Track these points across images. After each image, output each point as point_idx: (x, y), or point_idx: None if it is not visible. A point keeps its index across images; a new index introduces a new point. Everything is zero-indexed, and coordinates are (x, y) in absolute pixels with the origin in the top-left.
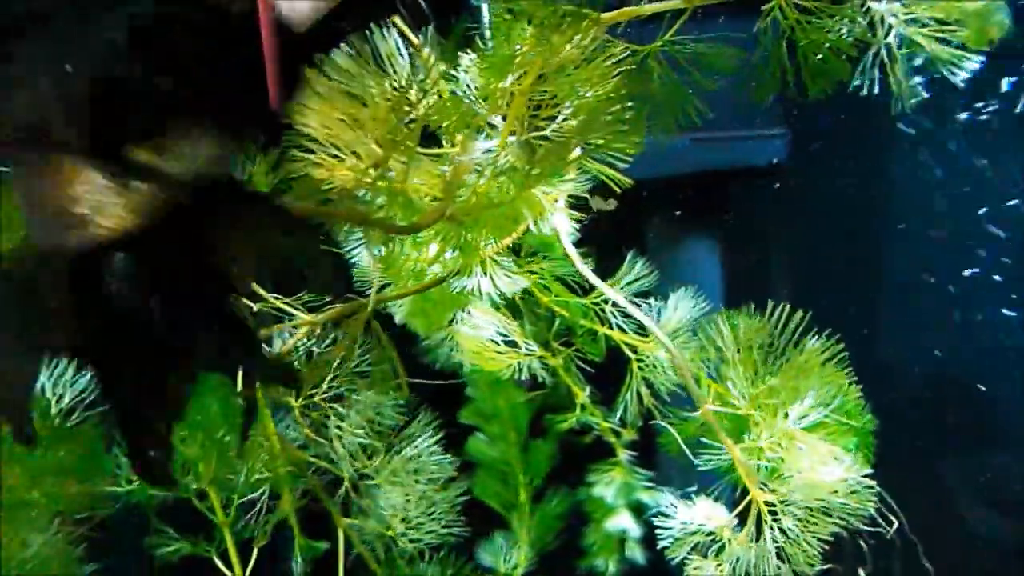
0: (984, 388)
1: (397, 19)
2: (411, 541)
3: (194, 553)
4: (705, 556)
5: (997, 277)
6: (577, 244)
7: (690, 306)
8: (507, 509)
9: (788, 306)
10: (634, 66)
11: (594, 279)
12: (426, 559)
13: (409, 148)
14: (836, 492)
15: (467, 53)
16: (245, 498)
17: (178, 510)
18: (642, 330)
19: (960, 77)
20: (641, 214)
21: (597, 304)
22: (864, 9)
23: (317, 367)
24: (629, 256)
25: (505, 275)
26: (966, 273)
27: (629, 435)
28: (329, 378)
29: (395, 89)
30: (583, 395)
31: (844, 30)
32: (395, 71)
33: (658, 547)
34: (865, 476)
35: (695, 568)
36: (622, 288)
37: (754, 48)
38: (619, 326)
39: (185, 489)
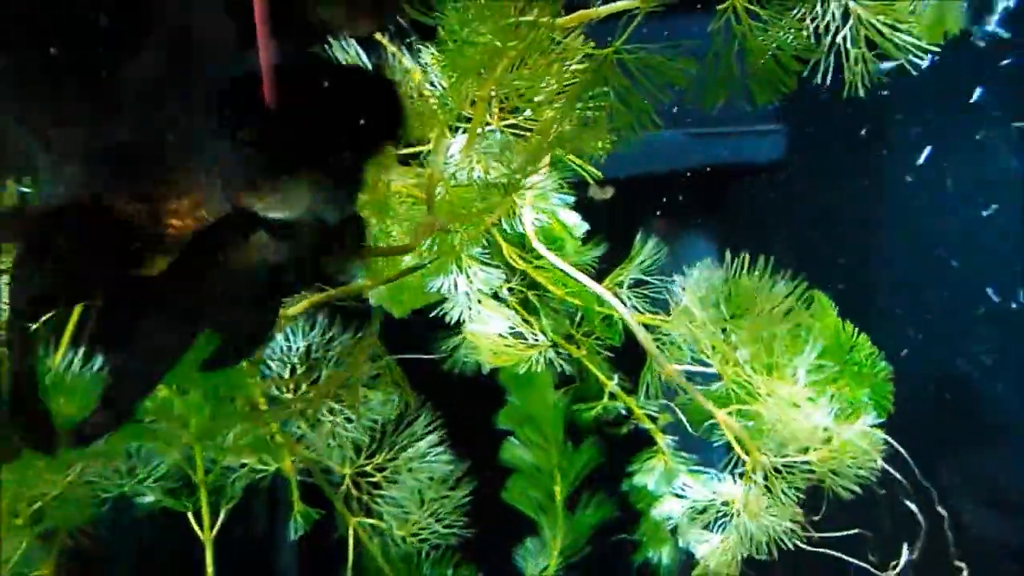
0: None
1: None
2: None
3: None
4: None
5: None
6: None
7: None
8: (540, 513)
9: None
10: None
11: (572, 271)
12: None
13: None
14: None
15: (427, 47)
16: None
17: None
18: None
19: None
20: (636, 210)
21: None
22: (822, 8)
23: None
24: (639, 238)
25: (481, 271)
26: (959, 266)
27: (665, 419)
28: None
29: None
30: (612, 384)
31: (791, 39)
32: None
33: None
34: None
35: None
36: (637, 268)
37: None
38: (634, 307)
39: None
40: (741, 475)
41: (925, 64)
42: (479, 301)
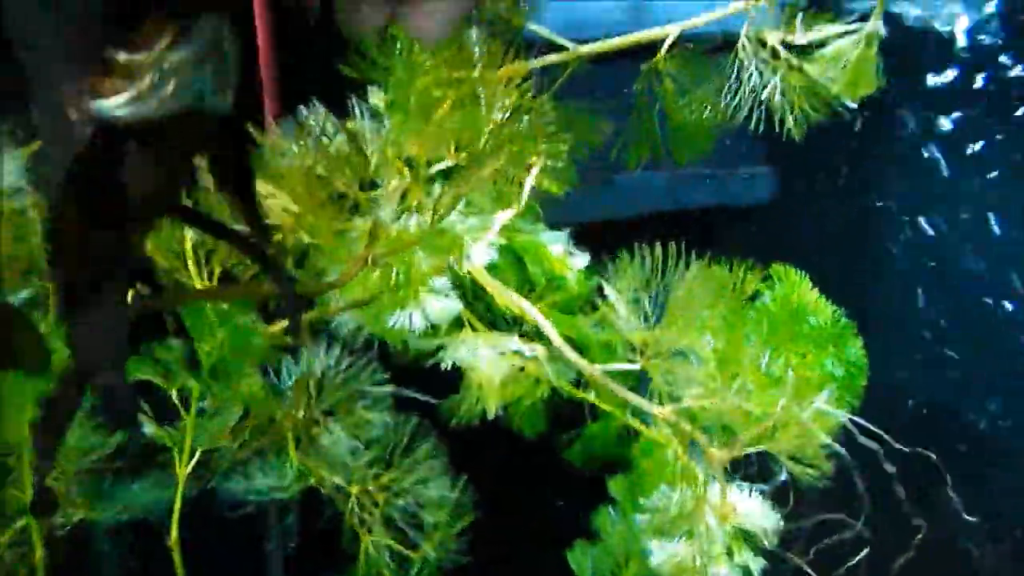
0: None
1: None
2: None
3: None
4: None
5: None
6: None
7: None
8: None
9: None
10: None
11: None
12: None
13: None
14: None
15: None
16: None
17: None
18: None
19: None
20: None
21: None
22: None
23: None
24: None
25: (436, 302)
26: (952, 308)
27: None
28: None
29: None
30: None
31: (708, 109)
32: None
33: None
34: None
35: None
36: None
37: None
38: None
39: None
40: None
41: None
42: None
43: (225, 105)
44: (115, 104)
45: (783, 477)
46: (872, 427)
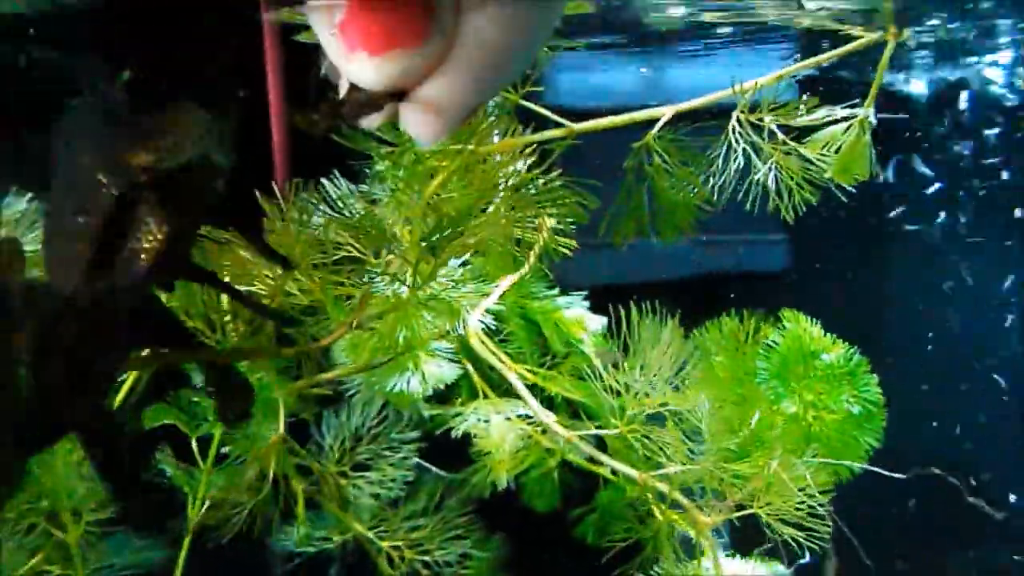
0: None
1: None
2: None
3: None
4: None
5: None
6: None
7: None
8: None
9: None
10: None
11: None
12: None
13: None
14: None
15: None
16: None
17: None
18: None
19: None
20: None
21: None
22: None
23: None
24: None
25: (436, 366)
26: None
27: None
28: None
29: None
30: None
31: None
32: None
33: None
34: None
35: None
36: None
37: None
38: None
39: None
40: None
41: None
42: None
43: (236, 168)
44: (141, 167)
45: (807, 559)
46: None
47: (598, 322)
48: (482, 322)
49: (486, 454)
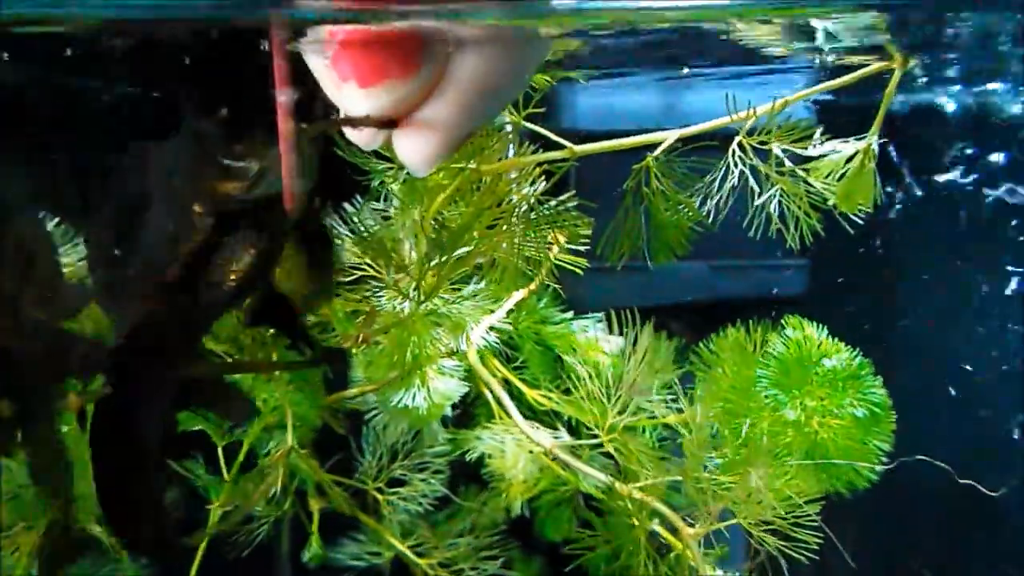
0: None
1: None
2: None
3: None
4: None
5: None
6: None
7: None
8: None
9: None
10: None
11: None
12: None
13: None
14: None
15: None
16: None
17: None
18: None
19: None
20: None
21: None
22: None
23: None
24: None
25: (441, 383)
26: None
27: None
28: None
29: None
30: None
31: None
32: None
33: None
34: None
35: None
36: None
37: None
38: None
39: None
40: None
41: None
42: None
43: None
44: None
45: None
46: None
47: (616, 343)
48: (494, 343)
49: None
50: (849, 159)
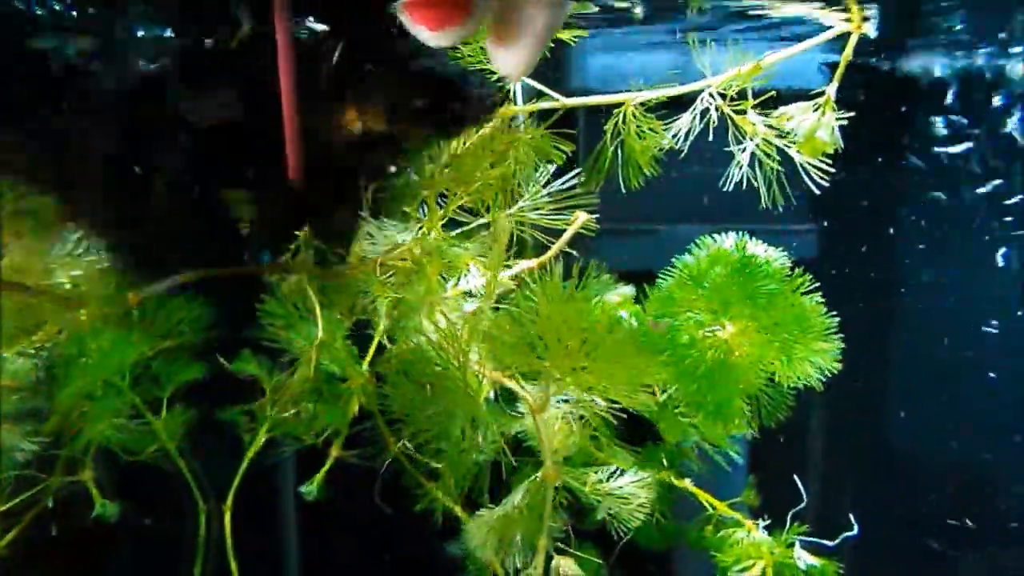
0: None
1: None
2: None
3: None
4: None
5: None
6: None
7: None
8: None
9: None
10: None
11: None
12: None
13: None
14: None
15: None
16: None
17: None
18: None
19: None
20: None
21: None
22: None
23: None
24: None
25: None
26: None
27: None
28: None
29: None
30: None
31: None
32: None
33: None
34: None
35: None
36: None
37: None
38: None
39: None
40: None
41: None
42: None
43: None
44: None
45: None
46: None
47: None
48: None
49: None
50: (816, 109)
